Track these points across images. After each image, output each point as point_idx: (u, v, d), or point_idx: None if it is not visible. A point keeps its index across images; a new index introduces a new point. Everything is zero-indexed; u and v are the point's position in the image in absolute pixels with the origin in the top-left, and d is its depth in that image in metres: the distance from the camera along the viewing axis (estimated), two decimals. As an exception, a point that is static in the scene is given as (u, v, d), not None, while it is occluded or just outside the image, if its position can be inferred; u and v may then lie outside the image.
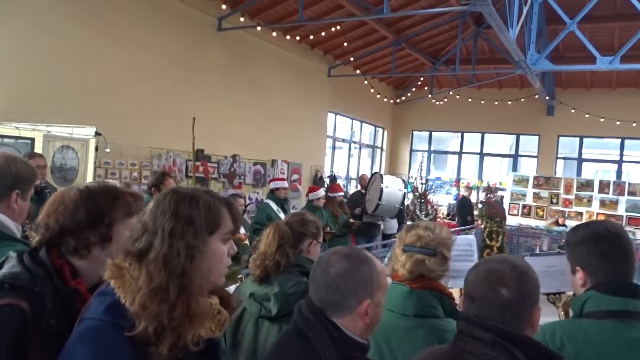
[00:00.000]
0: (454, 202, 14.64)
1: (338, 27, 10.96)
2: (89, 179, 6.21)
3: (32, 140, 5.65)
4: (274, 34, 10.38)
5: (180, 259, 1.22)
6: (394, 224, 9.31)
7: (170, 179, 4.75)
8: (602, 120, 13.84)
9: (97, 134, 6.22)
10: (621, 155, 14.70)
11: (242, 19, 9.58)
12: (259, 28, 9.78)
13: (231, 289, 2.76)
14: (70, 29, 6.97)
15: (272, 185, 7.03)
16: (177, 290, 1.20)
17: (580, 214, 12.95)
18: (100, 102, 7.27)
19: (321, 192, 7.22)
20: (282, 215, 6.52)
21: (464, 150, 16.70)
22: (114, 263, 1.26)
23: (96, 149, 6.27)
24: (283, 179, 7.55)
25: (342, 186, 9.97)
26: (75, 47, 7.04)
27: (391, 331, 1.91)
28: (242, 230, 5.19)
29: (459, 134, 16.67)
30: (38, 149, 5.58)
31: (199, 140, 6.83)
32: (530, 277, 1.44)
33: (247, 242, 5.17)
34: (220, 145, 9.57)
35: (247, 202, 9.88)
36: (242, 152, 10.19)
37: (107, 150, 6.60)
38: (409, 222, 8.37)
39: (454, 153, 17.18)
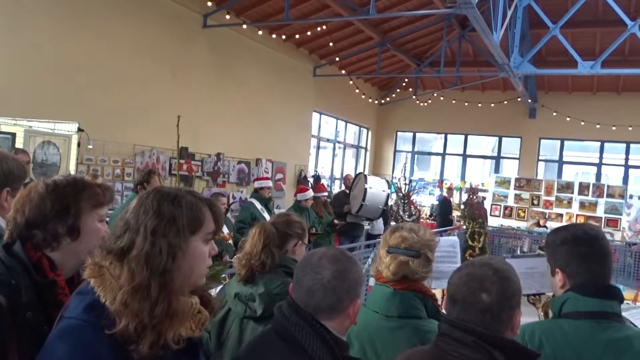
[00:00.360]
0: (437, 202, 14.76)
1: (324, 27, 10.98)
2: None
3: (13, 135, 5.56)
4: (260, 32, 10.36)
5: (162, 257, 1.22)
6: (380, 225, 9.35)
7: (156, 177, 4.74)
8: (582, 123, 14.08)
9: (79, 130, 6.14)
10: (600, 158, 14.97)
11: (227, 17, 9.55)
12: (244, 26, 9.76)
13: (217, 289, 2.75)
14: (54, 24, 6.89)
15: (257, 184, 7.01)
16: (159, 288, 1.21)
17: (561, 215, 13.16)
18: (83, 98, 7.20)
19: (310, 193, 7.22)
20: (266, 215, 6.51)
21: (447, 152, 16.85)
22: (94, 262, 1.25)
23: (78, 145, 6.18)
24: (268, 178, 7.54)
25: (326, 186, 9.98)
26: (59, 42, 6.96)
27: (375, 332, 1.93)
28: (226, 230, 5.18)
29: (443, 135, 16.81)
30: (19, 144, 5.49)
31: (183, 137, 6.82)
32: (512, 282, 1.47)
33: (230, 241, 5.16)
34: (204, 144, 9.53)
35: (231, 200, 9.85)
36: (227, 151, 10.16)
37: (90, 146, 6.54)
38: (392, 224, 8.42)
39: (437, 154, 17.32)
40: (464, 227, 11.23)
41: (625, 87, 13.87)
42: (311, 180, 12.58)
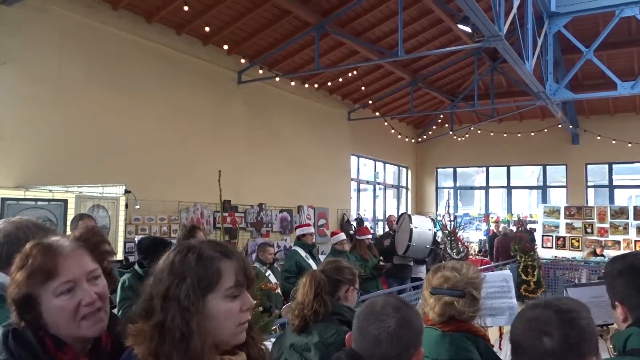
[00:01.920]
0: (485, 237, 14.37)
1: (355, 72, 11.17)
2: (121, 236, 6.33)
3: (65, 201, 5.81)
4: (292, 83, 10.63)
5: (175, 324, 1.17)
6: (423, 268, 9.14)
7: (200, 232, 4.79)
8: (629, 145, 13.61)
9: (126, 191, 6.37)
10: (653, 179, 14.36)
11: (260, 71, 9.86)
12: (277, 79, 10.04)
13: (271, 340, 2.73)
14: (94, 93, 7.26)
15: (299, 231, 7.04)
16: (181, 357, 1.16)
17: (618, 242, 12.56)
18: (128, 160, 7.49)
19: (342, 236, 7.20)
20: (311, 262, 6.49)
21: (490, 185, 16.53)
22: (136, 327, 1.22)
23: (126, 206, 6.40)
24: (309, 225, 7.56)
25: (369, 228, 9.90)
26: (101, 109, 7.31)
27: (428, 378, 1.87)
28: (273, 279, 5.18)
29: (484, 168, 16.55)
30: (71, 209, 5.74)
31: (225, 191, 6.90)
32: (576, 322, 1.37)
33: (278, 291, 5.15)
34: (246, 195, 9.68)
35: (276, 249, 9.89)
36: (268, 201, 10.28)
37: (137, 207, 6.74)
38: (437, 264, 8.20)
39: (480, 188, 17.00)
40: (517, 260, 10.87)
41: (671, 104, 13.41)
42: (354, 223, 12.52)
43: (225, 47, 9.01)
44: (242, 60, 9.42)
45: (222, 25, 8.57)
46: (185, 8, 7.27)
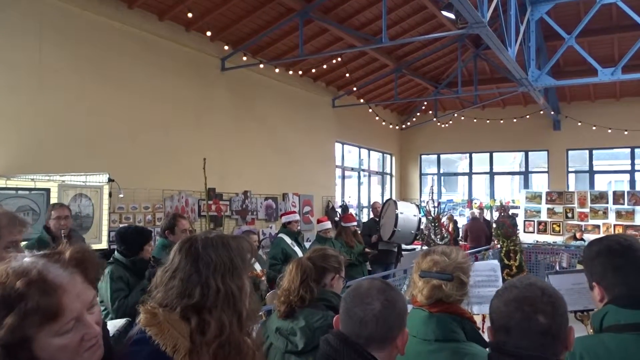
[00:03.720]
0: (467, 223, 14.54)
1: (339, 59, 11.15)
2: (105, 225, 6.29)
3: (48, 190, 5.76)
4: (277, 70, 10.58)
5: (236, 301, 1.30)
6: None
7: (182, 220, 4.75)
8: (609, 131, 13.83)
9: (110, 180, 6.33)
10: (632, 164, 14.61)
11: (244, 58, 9.80)
12: (261, 65, 9.99)
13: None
14: (76, 81, 7.16)
15: (284, 219, 7.05)
16: (239, 331, 1.29)
17: (597, 226, 12.79)
18: (111, 149, 7.42)
19: (327, 224, 7.25)
20: (297, 249, 6.52)
21: (473, 171, 16.69)
22: (147, 309, 1.27)
23: (110, 194, 6.36)
24: (294, 212, 7.58)
25: (354, 215, 9.96)
26: (84, 97, 7.22)
27: (413, 356, 1.91)
28: (258, 267, 5.20)
29: (467, 154, 16.70)
30: (53, 198, 5.68)
31: (210, 179, 6.94)
32: (560, 299, 1.47)
33: (264, 278, 5.17)
34: (231, 183, 9.66)
35: (261, 237, 9.91)
36: (253, 188, 10.27)
37: (121, 195, 6.70)
38: (424, 248, 8.31)
39: (463, 174, 17.17)
40: (498, 246, 11.03)
41: (650, 90, 13.63)
42: (339, 210, 12.58)
43: (209, 33, 8.93)
44: (226, 47, 9.35)
45: (205, 11, 8.48)
46: (168, -6, 7.19)
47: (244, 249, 1.39)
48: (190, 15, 8.12)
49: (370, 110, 13.84)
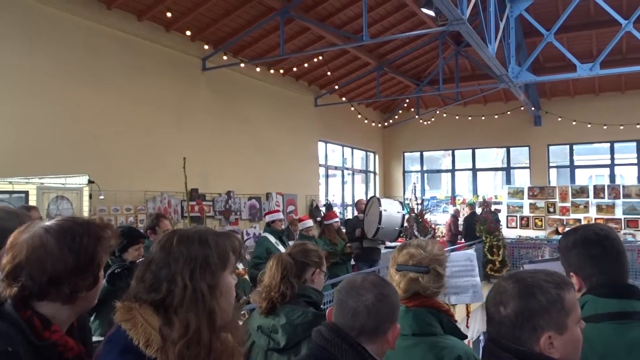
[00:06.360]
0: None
1: (320, 58, 11.14)
2: (85, 227, 6.19)
3: (26, 193, 5.66)
4: (258, 69, 10.54)
5: (205, 300, 1.25)
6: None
7: (165, 220, 4.74)
8: (589, 126, 14.01)
9: (90, 182, 6.24)
10: (612, 159, 14.82)
11: (225, 57, 9.73)
12: (242, 65, 9.93)
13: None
14: (57, 82, 7.06)
15: (267, 218, 7.03)
16: (209, 332, 1.23)
17: (579, 220, 12.96)
18: (91, 150, 7.32)
19: (309, 222, 7.26)
20: (281, 248, 6.50)
21: (456, 168, 16.80)
22: (123, 305, 1.26)
23: (90, 197, 6.28)
24: (277, 211, 7.55)
25: (337, 213, 9.96)
26: (63, 100, 7.12)
27: (390, 351, 1.91)
28: (240, 266, 5.17)
29: (450, 151, 16.80)
30: (32, 201, 5.58)
31: (192, 179, 6.90)
32: (534, 297, 1.38)
33: (246, 277, 5.15)
34: (214, 183, 9.60)
35: (245, 237, 9.86)
36: (236, 188, 10.22)
37: (101, 197, 6.62)
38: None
39: (446, 171, 17.27)
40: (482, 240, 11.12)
41: (628, 85, 13.82)
42: (323, 209, 12.57)
43: (189, 33, 8.86)
44: (206, 47, 9.29)
45: (184, 10, 8.41)
46: (146, -7, 7.11)
47: (225, 246, 1.34)
48: (169, 15, 8.05)
49: (353, 108, 13.85)
